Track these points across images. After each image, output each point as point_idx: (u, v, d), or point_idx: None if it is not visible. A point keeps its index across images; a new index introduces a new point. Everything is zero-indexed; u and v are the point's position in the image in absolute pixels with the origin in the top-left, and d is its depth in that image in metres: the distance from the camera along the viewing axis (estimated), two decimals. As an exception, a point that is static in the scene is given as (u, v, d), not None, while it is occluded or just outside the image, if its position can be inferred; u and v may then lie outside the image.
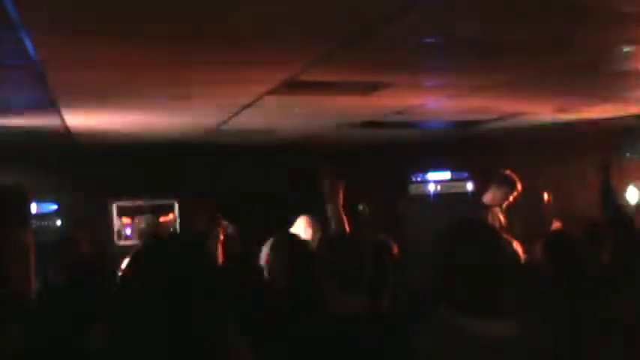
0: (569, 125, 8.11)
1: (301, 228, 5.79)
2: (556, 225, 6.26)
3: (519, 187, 6.31)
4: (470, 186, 10.26)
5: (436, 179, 10.41)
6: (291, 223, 6.00)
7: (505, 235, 3.39)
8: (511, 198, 6.35)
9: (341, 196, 4.54)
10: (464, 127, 8.15)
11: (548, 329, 2.54)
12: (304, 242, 4.24)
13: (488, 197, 6.37)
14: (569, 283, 3.77)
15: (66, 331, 3.25)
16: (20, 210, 6.41)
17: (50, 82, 4.67)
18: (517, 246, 4.57)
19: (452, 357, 1.98)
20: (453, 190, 10.25)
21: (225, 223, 5.63)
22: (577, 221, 6.57)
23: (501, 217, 6.39)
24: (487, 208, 6.33)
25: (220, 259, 5.17)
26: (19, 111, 5.94)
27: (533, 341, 2.04)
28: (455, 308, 2.02)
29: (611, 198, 5.31)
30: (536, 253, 4.26)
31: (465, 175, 10.26)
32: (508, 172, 6.45)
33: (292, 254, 3.80)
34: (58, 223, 9.34)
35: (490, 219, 6.20)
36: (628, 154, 8.62)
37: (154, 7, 3.09)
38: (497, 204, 6.38)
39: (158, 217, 9.26)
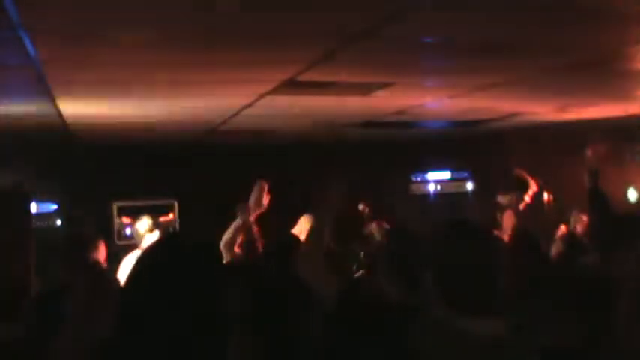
0: (569, 125, 8.11)
1: (304, 227, 5.80)
2: (562, 231, 6.24)
3: (534, 187, 6.29)
4: (470, 186, 10.26)
5: (436, 179, 10.41)
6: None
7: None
8: (527, 198, 6.32)
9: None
10: (464, 127, 8.15)
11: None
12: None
13: (503, 198, 6.36)
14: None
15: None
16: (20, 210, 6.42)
17: (50, 81, 4.67)
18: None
19: (448, 354, 1.99)
20: (453, 190, 10.25)
21: None
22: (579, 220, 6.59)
23: (514, 219, 6.38)
24: (501, 209, 6.32)
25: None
26: (19, 110, 5.94)
27: (527, 340, 2.05)
28: (453, 307, 2.03)
29: (600, 202, 5.32)
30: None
31: (465, 175, 10.26)
32: (521, 172, 6.43)
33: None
34: (58, 223, 9.33)
35: (503, 220, 6.19)
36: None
37: (154, 8, 3.09)
38: (512, 206, 6.37)
39: (158, 217, 9.26)
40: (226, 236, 4.63)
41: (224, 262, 3.89)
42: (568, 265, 4.30)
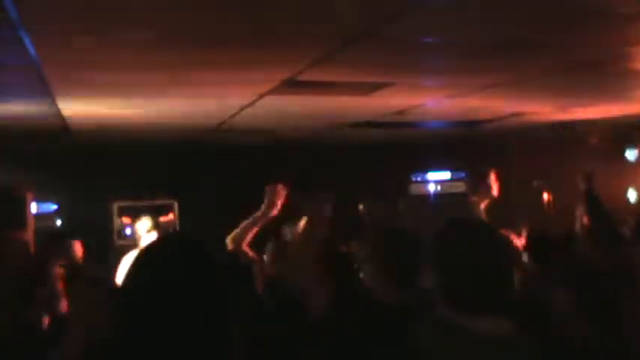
0: (569, 125, 8.12)
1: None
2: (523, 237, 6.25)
3: (488, 181, 6.31)
4: (470, 186, 10.26)
5: (436, 179, 10.41)
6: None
7: (503, 232, 3.40)
8: (487, 195, 6.35)
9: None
10: (464, 127, 8.15)
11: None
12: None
13: (473, 197, 6.42)
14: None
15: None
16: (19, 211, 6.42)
17: (50, 81, 4.67)
18: (515, 242, 4.60)
19: (449, 353, 1.99)
20: (452, 190, 10.25)
21: None
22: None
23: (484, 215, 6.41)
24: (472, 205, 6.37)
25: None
26: (19, 110, 5.94)
27: (527, 341, 2.05)
28: (454, 306, 2.03)
29: (595, 205, 5.35)
30: None
31: (465, 175, 10.26)
32: (485, 169, 6.46)
33: None
34: (58, 223, 9.33)
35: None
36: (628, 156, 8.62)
37: (154, 8, 3.09)
38: (478, 201, 6.41)
39: (158, 217, 9.26)
40: (236, 230, 4.43)
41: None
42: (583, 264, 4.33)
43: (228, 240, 4.32)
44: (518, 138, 9.15)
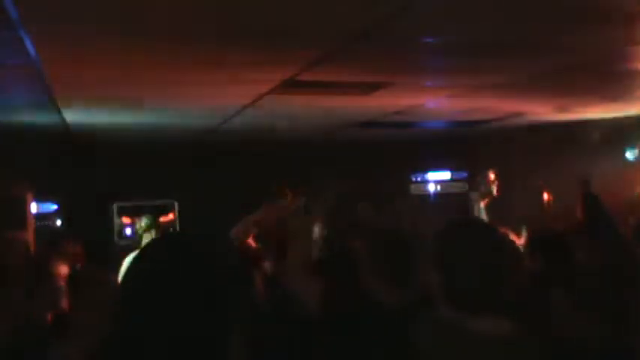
0: (569, 125, 8.12)
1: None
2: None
3: (489, 181, 6.36)
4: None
5: (436, 179, 10.42)
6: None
7: (504, 231, 3.39)
8: (487, 194, 6.39)
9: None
10: (464, 127, 8.16)
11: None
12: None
13: (473, 195, 6.47)
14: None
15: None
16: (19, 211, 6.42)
17: (50, 81, 4.67)
18: (515, 240, 4.60)
19: (449, 353, 1.99)
20: (452, 190, 10.26)
21: None
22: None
23: (485, 213, 6.44)
24: (475, 203, 6.41)
25: None
26: (19, 110, 5.94)
27: (526, 341, 2.05)
28: (454, 306, 2.03)
29: (595, 206, 5.37)
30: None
31: (465, 175, 10.26)
32: (485, 169, 6.51)
33: None
34: (58, 223, 9.34)
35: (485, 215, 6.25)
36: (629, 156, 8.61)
37: (154, 9, 3.09)
38: (478, 200, 6.45)
39: (158, 217, 9.26)
40: (238, 227, 4.46)
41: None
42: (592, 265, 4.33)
43: (233, 232, 4.32)
44: (518, 138, 9.15)
